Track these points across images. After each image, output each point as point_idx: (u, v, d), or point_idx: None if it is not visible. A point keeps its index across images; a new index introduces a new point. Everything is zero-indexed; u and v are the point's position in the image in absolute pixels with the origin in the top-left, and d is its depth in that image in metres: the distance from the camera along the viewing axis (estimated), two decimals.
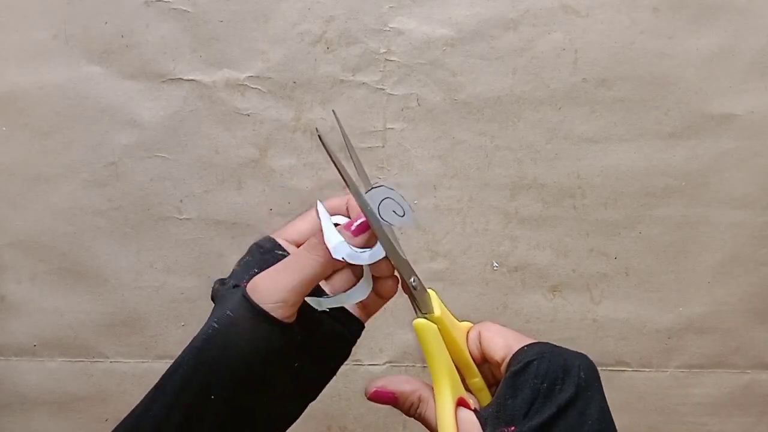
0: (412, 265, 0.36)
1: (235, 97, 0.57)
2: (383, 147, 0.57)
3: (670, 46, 0.56)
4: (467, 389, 0.37)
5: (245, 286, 0.35)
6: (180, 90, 0.57)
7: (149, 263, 0.59)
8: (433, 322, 0.36)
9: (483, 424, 0.34)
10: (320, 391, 0.39)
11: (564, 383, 0.34)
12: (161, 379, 0.35)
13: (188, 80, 0.57)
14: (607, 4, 0.56)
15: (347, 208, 0.38)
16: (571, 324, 0.58)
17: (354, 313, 0.39)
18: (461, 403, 0.35)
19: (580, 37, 0.56)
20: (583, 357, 0.36)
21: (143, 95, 0.57)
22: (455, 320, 0.37)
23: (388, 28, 0.57)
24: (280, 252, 0.37)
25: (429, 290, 0.37)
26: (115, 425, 0.35)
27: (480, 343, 0.37)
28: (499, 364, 0.35)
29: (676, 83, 0.56)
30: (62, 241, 0.58)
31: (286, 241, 0.38)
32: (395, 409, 0.62)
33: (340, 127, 0.38)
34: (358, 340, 0.61)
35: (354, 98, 0.57)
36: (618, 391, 0.59)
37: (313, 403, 0.60)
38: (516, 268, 0.58)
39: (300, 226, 0.38)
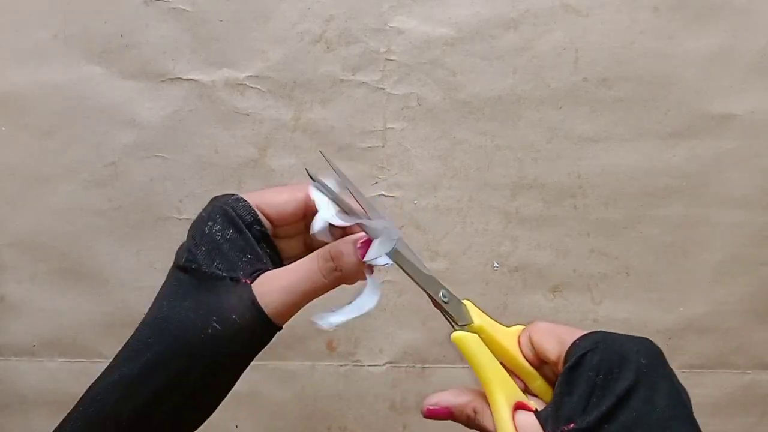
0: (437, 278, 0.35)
1: (234, 97, 0.57)
2: (383, 147, 0.57)
3: (671, 45, 0.56)
4: (531, 393, 0.35)
5: (250, 285, 0.33)
6: (179, 90, 0.57)
7: (149, 263, 0.59)
8: (473, 332, 0.35)
9: (543, 425, 0.32)
10: None
11: (621, 371, 0.32)
12: (139, 369, 0.33)
13: (188, 80, 0.57)
14: (608, 3, 0.56)
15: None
16: (571, 324, 0.58)
17: None
18: (519, 406, 0.34)
19: (580, 36, 0.56)
20: (643, 341, 0.34)
21: (143, 95, 0.57)
22: (501, 326, 0.36)
23: (388, 28, 0.57)
24: (259, 228, 0.35)
25: (465, 301, 0.35)
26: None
27: (533, 345, 0.35)
28: (556, 364, 0.34)
29: (676, 83, 0.56)
30: (62, 241, 0.58)
31: (263, 213, 0.35)
32: (395, 410, 0.62)
33: (336, 169, 0.35)
34: (358, 340, 0.62)
35: (354, 98, 0.57)
36: None
37: (313, 403, 0.60)
38: (516, 268, 0.58)
39: (278, 201, 0.35)
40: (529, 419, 0.33)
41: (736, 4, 0.55)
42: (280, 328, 0.34)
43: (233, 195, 0.35)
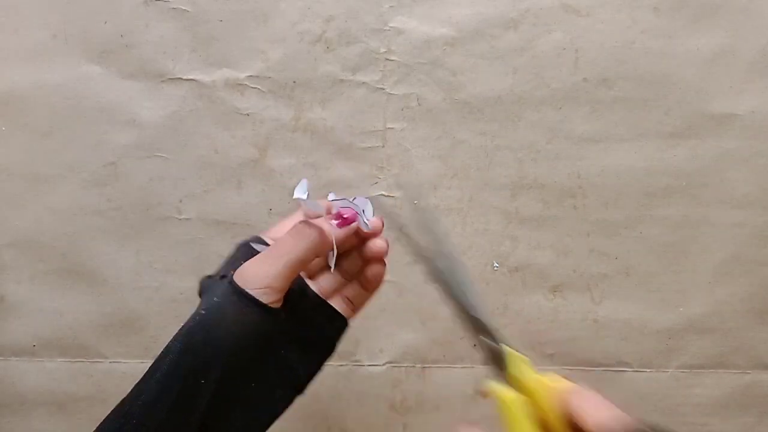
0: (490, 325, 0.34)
1: (234, 97, 0.57)
2: (383, 147, 0.57)
3: (671, 45, 0.56)
4: None
5: (232, 274, 0.35)
6: (179, 90, 0.57)
7: (149, 263, 0.59)
8: (510, 382, 0.33)
9: None
10: (307, 385, 0.39)
11: None
12: (151, 367, 0.35)
13: (187, 80, 0.57)
14: (608, 3, 0.55)
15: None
16: (571, 324, 0.58)
17: (339, 310, 0.40)
18: None
19: (580, 36, 0.56)
20: None
21: (142, 95, 0.57)
22: (543, 379, 0.33)
23: (388, 28, 0.56)
24: (266, 246, 0.38)
25: (520, 355, 0.34)
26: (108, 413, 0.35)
27: (571, 412, 0.33)
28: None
29: (676, 83, 0.56)
30: (62, 241, 0.58)
31: (269, 237, 0.39)
32: (395, 410, 0.62)
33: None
34: (358, 340, 0.62)
35: (354, 98, 0.57)
36: (619, 392, 0.59)
37: (313, 403, 0.60)
38: (516, 268, 0.58)
39: (286, 227, 0.39)
40: None
41: (736, 4, 0.55)
42: (273, 309, 0.35)
43: (254, 235, 0.40)
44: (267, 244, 0.39)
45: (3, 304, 0.59)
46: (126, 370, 0.60)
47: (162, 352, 0.35)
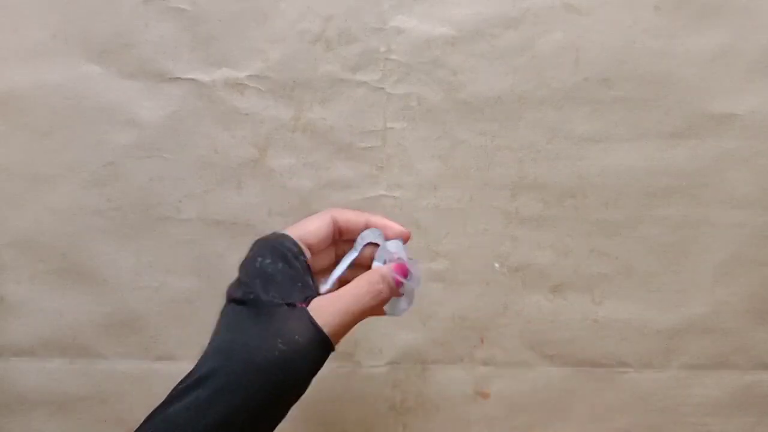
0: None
1: (234, 97, 0.57)
2: (383, 146, 0.57)
3: (672, 45, 0.56)
4: None
5: (306, 308, 0.37)
6: (179, 89, 0.57)
7: (149, 263, 0.59)
8: None
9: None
10: None
11: None
12: (210, 391, 0.34)
13: (187, 79, 0.57)
14: (609, 3, 0.55)
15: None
16: (571, 324, 0.58)
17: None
18: None
19: (581, 36, 0.56)
20: None
21: (142, 95, 0.57)
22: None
23: (388, 27, 0.56)
24: (304, 259, 0.39)
25: None
26: (146, 420, 0.35)
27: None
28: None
29: (677, 83, 0.56)
30: (62, 241, 0.58)
31: (304, 242, 0.40)
32: (396, 410, 0.62)
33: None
34: (358, 341, 0.62)
35: (354, 97, 0.57)
36: (619, 392, 0.59)
37: (313, 404, 0.61)
38: (517, 268, 0.58)
39: (312, 229, 0.40)
40: None
41: (737, 4, 0.55)
42: (334, 349, 0.38)
43: (276, 232, 0.40)
44: (303, 254, 0.40)
45: (3, 304, 0.59)
46: (126, 370, 0.60)
47: (221, 374, 0.35)
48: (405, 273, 0.40)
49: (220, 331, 0.37)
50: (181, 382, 0.36)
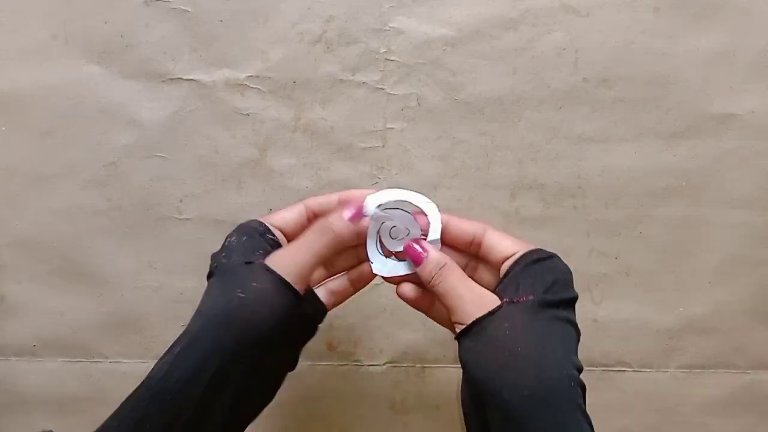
0: None
1: (234, 97, 0.57)
2: (383, 147, 0.57)
3: (671, 45, 0.56)
4: None
5: (263, 262, 0.38)
6: (180, 90, 0.57)
7: (149, 263, 0.59)
8: None
9: (501, 297, 0.37)
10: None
11: (572, 285, 0.39)
12: (180, 345, 0.37)
13: (188, 80, 0.57)
14: (608, 3, 0.55)
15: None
16: None
17: (323, 299, 0.43)
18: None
19: (580, 36, 0.56)
20: None
21: (143, 95, 0.57)
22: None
23: (388, 28, 0.56)
24: (272, 237, 0.41)
25: None
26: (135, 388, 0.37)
27: (484, 239, 0.41)
28: (501, 260, 0.39)
29: (676, 83, 0.56)
30: (62, 241, 0.58)
31: (273, 226, 0.42)
32: (396, 410, 0.62)
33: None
34: (358, 340, 0.62)
35: (354, 98, 0.57)
36: (618, 392, 0.59)
37: (313, 403, 0.60)
38: None
39: (286, 216, 0.43)
40: (488, 291, 0.39)
41: (736, 4, 0.55)
42: (301, 296, 0.38)
43: (249, 219, 0.42)
44: (272, 233, 0.42)
45: (3, 304, 0.59)
46: (126, 369, 0.60)
47: (191, 333, 0.37)
48: (359, 212, 0.40)
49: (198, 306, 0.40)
50: (165, 353, 0.39)
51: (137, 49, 0.57)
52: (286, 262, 0.38)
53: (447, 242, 0.41)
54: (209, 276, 0.40)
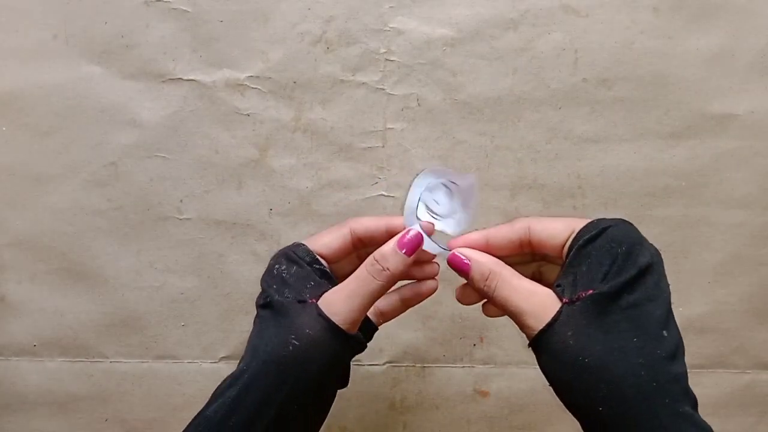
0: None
1: (235, 97, 0.57)
2: (383, 147, 0.57)
3: (671, 46, 0.56)
4: None
5: (316, 303, 0.38)
6: (180, 90, 0.57)
7: (149, 263, 0.59)
8: None
9: (559, 295, 0.35)
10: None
11: (642, 249, 0.34)
12: (237, 392, 0.37)
13: (188, 80, 0.57)
14: (607, 4, 0.56)
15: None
16: None
17: (371, 318, 0.43)
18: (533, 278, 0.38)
19: (580, 37, 0.56)
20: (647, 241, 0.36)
21: (143, 95, 0.57)
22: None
23: (388, 28, 0.57)
24: (318, 266, 0.41)
25: None
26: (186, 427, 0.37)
27: (530, 235, 0.38)
28: (559, 248, 0.36)
29: (676, 83, 0.56)
30: (62, 241, 0.58)
31: (318, 254, 0.41)
32: (396, 409, 0.62)
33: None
34: None
35: (354, 98, 0.57)
36: None
37: None
38: None
39: (330, 243, 0.42)
40: (543, 289, 0.36)
41: (736, 4, 0.55)
42: (352, 336, 0.38)
43: (295, 243, 0.42)
44: (318, 262, 0.41)
45: (3, 304, 0.59)
46: (126, 369, 0.60)
47: (246, 378, 0.37)
48: (415, 243, 0.39)
49: (250, 336, 0.40)
50: (221, 382, 0.39)
51: (137, 50, 0.57)
52: (340, 307, 0.38)
53: (498, 256, 0.39)
54: (262, 306, 0.40)
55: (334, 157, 0.57)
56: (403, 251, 0.39)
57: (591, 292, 0.33)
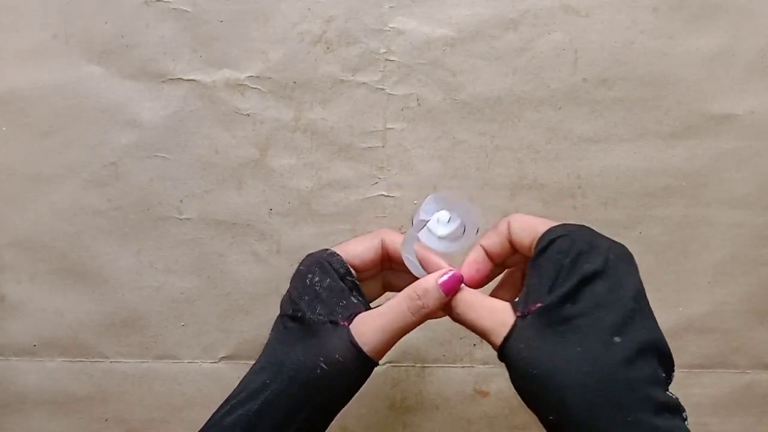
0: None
1: (235, 97, 0.57)
2: (383, 147, 0.57)
3: (671, 46, 0.56)
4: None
5: (348, 327, 0.38)
6: (180, 90, 0.57)
7: (149, 263, 0.59)
8: None
9: (514, 308, 0.35)
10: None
11: (589, 256, 0.34)
12: (261, 405, 0.37)
13: (188, 80, 0.57)
14: (607, 4, 0.56)
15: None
16: None
17: None
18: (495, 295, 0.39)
19: (580, 37, 0.56)
20: (617, 243, 0.36)
21: (143, 95, 0.57)
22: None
23: (388, 28, 0.57)
24: (351, 278, 0.40)
25: None
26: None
27: (510, 234, 0.38)
28: (529, 250, 0.37)
29: (676, 83, 0.56)
30: (62, 241, 0.58)
31: (350, 264, 0.41)
32: (396, 409, 0.62)
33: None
34: None
35: (354, 98, 0.57)
36: None
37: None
38: None
39: (362, 254, 0.41)
40: (503, 304, 0.36)
41: (736, 4, 0.55)
42: (377, 364, 0.38)
43: (327, 250, 0.41)
44: (351, 274, 0.40)
45: (3, 304, 0.59)
46: (127, 369, 0.60)
47: (271, 391, 0.37)
48: (456, 284, 0.38)
49: (272, 343, 0.40)
50: (239, 390, 0.38)
51: (137, 50, 0.57)
52: (372, 337, 0.37)
53: (502, 261, 0.39)
54: (291, 317, 0.39)
55: (334, 157, 0.57)
56: (443, 290, 0.38)
57: (539, 305, 0.34)
